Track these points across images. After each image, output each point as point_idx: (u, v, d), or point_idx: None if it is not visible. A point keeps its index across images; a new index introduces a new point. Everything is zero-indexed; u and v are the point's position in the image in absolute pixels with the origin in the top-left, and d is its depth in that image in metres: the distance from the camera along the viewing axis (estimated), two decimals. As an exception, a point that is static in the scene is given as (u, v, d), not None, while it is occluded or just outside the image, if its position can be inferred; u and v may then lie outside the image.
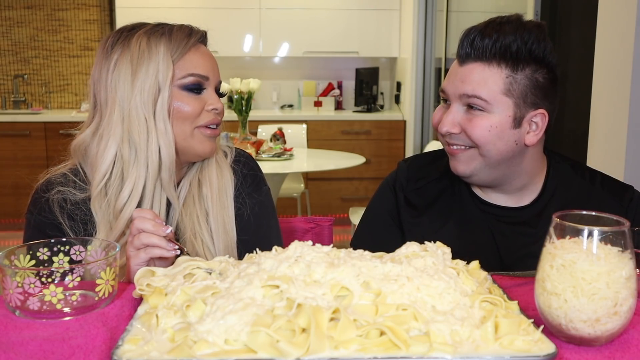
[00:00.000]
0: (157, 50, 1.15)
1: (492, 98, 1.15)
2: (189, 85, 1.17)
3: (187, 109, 1.17)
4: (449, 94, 1.20)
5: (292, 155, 3.87)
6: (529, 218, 1.26)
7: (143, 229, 1.01)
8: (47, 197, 1.19)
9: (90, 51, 5.38)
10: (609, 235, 0.74)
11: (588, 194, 1.27)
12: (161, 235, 1.01)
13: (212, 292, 0.78)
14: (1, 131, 4.80)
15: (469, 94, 1.16)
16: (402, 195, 1.33)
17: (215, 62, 1.23)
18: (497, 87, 1.15)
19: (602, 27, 2.17)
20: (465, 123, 1.18)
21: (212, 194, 1.24)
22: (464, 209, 1.29)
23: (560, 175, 1.29)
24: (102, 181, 1.16)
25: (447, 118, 1.19)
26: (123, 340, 0.71)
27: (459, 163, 1.22)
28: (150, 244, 1.01)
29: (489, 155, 1.18)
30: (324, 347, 0.67)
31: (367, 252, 0.92)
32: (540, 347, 0.70)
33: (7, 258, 0.86)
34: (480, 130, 1.16)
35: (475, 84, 1.15)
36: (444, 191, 1.32)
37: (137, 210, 1.05)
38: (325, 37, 5.22)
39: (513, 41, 1.13)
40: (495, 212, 1.27)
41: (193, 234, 1.21)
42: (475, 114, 1.17)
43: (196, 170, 1.26)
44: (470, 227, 1.28)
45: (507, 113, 1.16)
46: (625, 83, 2.02)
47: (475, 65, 1.16)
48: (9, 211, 4.88)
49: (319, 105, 5.43)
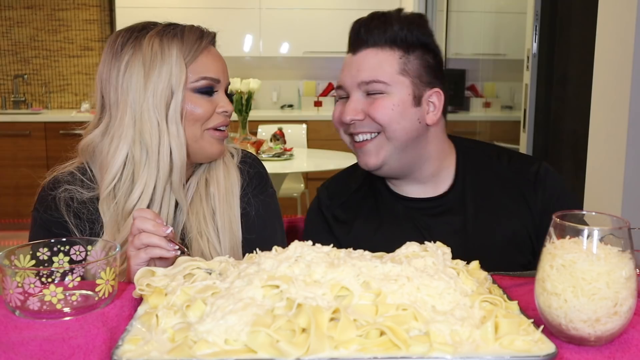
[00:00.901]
0: (169, 53, 1.15)
1: (390, 79, 1.19)
2: (202, 89, 1.18)
3: (199, 111, 1.17)
4: (347, 85, 1.22)
5: (292, 155, 3.87)
6: (451, 206, 1.28)
7: (143, 228, 1.01)
8: (54, 195, 1.19)
9: (90, 51, 5.38)
10: (609, 235, 0.74)
11: (499, 175, 1.30)
12: (161, 236, 1.01)
13: (212, 292, 0.78)
14: (1, 131, 4.81)
15: (367, 79, 1.19)
16: (330, 214, 1.34)
17: (224, 64, 1.24)
18: (393, 68, 1.19)
19: (602, 27, 2.17)
20: (368, 107, 1.20)
21: (219, 193, 1.25)
22: (389, 210, 1.31)
23: (470, 159, 1.32)
24: (112, 182, 1.15)
25: (349, 107, 1.21)
26: (123, 340, 0.71)
27: (368, 155, 1.23)
28: (150, 244, 1.01)
29: (395, 137, 1.21)
30: (324, 347, 0.67)
31: (367, 252, 0.92)
32: (540, 347, 0.70)
33: (7, 258, 0.86)
34: (384, 110, 1.19)
35: (372, 69, 1.19)
36: (366, 199, 1.34)
37: (137, 210, 1.05)
38: (325, 37, 5.22)
39: (400, 28, 1.20)
40: (417, 206, 1.29)
41: (199, 232, 1.21)
42: (376, 97, 1.20)
43: (204, 169, 1.26)
44: (399, 227, 1.29)
45: (406, 91, 1.20)
46: (625, 83, 2.02)
47: (369, 51, 1.20)
48: (9, 211, 4.89)
49: (319, 105, 5.43)
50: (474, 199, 1.28)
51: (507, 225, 1.25)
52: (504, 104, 4.03)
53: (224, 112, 1.21)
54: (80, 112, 5.11)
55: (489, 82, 4.32)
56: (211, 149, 1.21)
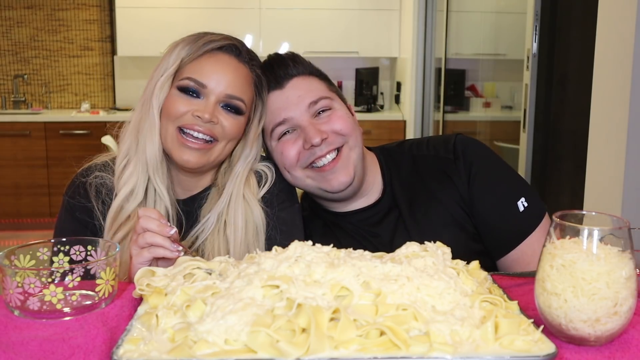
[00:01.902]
0: (173, 50, 1.20)
1: (329, 94, 1.27)
2: (183, 87, 1.17)
3: (172, 107, 1.17)
4: (295, 118, 1.24)
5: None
6: (387, 208, 1.31)
7: (148, 228, 1.01)
8: (85, 181, 1.24)
9: (90, 51, 5.38)
10: (609, 235, 0.74)
11: (420, 164, 1.33)
12: (165, 236, 1.01)
13: (212, 292, 0.78)
14: (1, 131, 4.80)
15: (315, 99, 1.24)
16: None
17: (230, 75, 1.19)
18: (324, 87, 1.28)
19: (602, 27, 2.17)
20: (326, 124, 1.24)
21: (236, 237, 1.22)
22: (339, 228, 1.33)
23: (392, 159, 1.35)
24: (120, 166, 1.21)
25: (310, 132, 1.22)
26: (123, 340, 0.71)
27: (339, 173, 1.24)
28: (154, 244, 1.01)
29: (357, 143, 1.26)
30: (324, 347, 0.67)
31: (367, 252, 0.92)
32: (540, 347, 0.70)
33: (7, 258, 0.86)
34: (343, 120, 1.25)
35: (309, 91, 1.25)
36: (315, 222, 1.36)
37: (142, 209, 1.06)
38: (325, 37, 5.22)
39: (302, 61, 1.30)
40: (359, 217, 1.32)
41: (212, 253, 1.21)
42: (326, 114, 1.25)
43: (225, 204, 1.23)
44: (353, 239, 1.31)
45: (342, 104, 1.30)
46: (625, 83, 2.02)
47: (296, 79, 1.26)
48: (9, 211, 4.88)
49: (319, 105, 5.43)
50: (405, 195, 1.31)
51: (441, 209, 1.27)
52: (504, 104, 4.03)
53: (197, 116, 1.15)
54: (80, 112, 5.10)
55: (489, 82, 4.32)
56: (177, 153, 1.17)
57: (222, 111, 1.19)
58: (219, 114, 1.18)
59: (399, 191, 1.32)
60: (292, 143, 1.25)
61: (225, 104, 1.19)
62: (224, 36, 1.23)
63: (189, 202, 1.27)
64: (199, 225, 1.23)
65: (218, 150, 1.20)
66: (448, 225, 1.26)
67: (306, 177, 1.26)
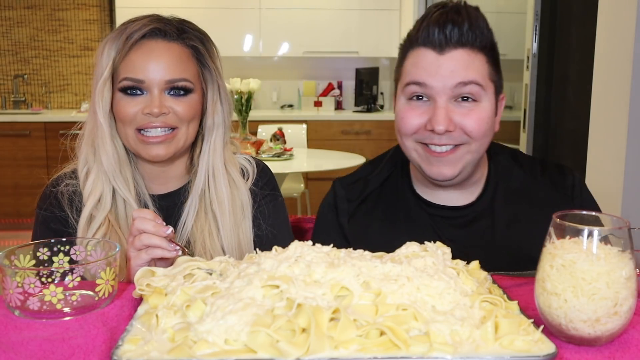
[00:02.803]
0: (102, 51, 1.17)
1: (485, 83, 1.10)
2: (124, 89, 1.15)
3: (122, 111, 1.16)
4: (434, 87, 1.08)
5: (292, 155, 3.87)
6: (479, 214, 1.21)
7: (144, 229, 1.01)
8: (57, 190, 1.22)
9: (90, 51, 5.37)
10: (609, 235, 0.74)
11: (531, 188, 1.22)
12: (162, 236, 1.01)
13: (212, 292, 0.78)
14: (1, 131, 4.80)
15: (466, 80, 1.07)
16: (345, 212, 1.26)
17: (164, 60, 1.15)
18: (485, 72, 1.10)
19: (602, 27, 2.17)
20: (461, 117, 1.09)
21: (223, 212, 1.22)
22: (411, 216, 1.22)
23: (501, 169, 1.24)
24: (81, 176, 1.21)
25: (440, 115, 1.07)
26: (123, 340, 0.71)
27: (447, 166, 1.12)
28: (151, 245, 1.00)
29: (479, 150, 1.12)
30: (324, 347, 0.67)
31: (367, 252, 0.92)
32: (540, 347, 0.70)
33: (7, 258, 0.86)
34: (480, 123, 1.09)
35: (468, 70, 1.07)
36: (386, 200, 1.25)
37: (136, 210, 1.05)
38: (325, 37, 5.22)
39: (482, 27, 1.09)
40: (443, 214, 1.21)
41: (203, 248, 1.21)
42: (468, 105, 1.09)
43: (204, 183, 1.23)
44: (420, 234, 1.16)
45: (493, 100, 1.12)
46: (625, 83, 2.02)
47: (459, 51, 1.08)
48: (9, 211, 4.88)
49: (319, 105, 5.43)
50: (504, 208, 1.20)
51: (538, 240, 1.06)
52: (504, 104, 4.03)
53: (147, 113, 1.14)
54: (80, 112, 5.10)
55: (489, 82, 4.32)
56: (144, 151, 1.17)
57: (169, 98, 1.16)
58: (167, 102, 1.16)
59: (501, 204, 1.20)
60: (417, 114, 1.11)
61: (169, 90, 1.16)
62: (144, 21, 1.17)
63: (168, 197, 1.26)
64: (185, 212, 1.22)
65: (183, 135, 1.19)
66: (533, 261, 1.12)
67: (413, 150, 1.15)
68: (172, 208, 1.25)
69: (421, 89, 1.10)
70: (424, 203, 1.22)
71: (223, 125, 1.24)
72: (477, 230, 1.20)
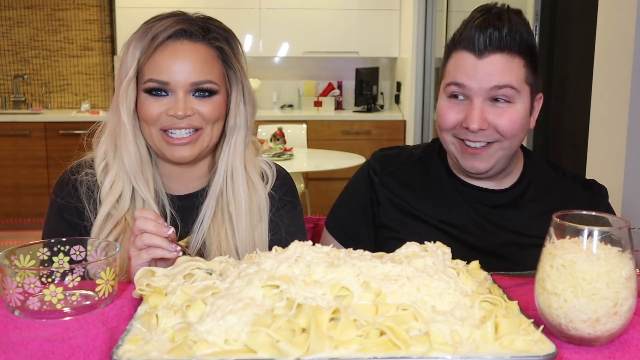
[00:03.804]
0: (127, 50, 1.16)
1: (520, 87, 1.16)
2: (148, 90, 1.15)
3: (146, 112, 1.15)
4: (471, 88, 1.16)
5: (292, 155, 3.87)
6: (508, 201, 1.28)
7: (145, 229, 1.00)
8: (75, 179, 1.21)
9: (90, 51, 5.38)
10: (609, 235, 0.74)
11: (562, 186, 1.31)
12: (163, 236, 1.00)
13: (212, 292, 0.78)
14: (1, 131, 4.80)
15: (501, 84, 1.14)
16: (378, 179, 1.33)
17: (189, 62, 1.14)
18: (521, 75, 1.16)
19: (602, 27, 2.17)
20: (494, 117, 1.16)
21: (240, 214, 1.21)
22: (443, 190, 1.30)
23: (536, 167, 1.33)
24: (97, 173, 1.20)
25: (475, 115, 1.16)
26: (123, 340, 0.71)
27: (480, 161, 1.20)
28: (152, 245, 1.00)
29: (512, 146, 1.20)
30: (324, 347, 0.67)
31: (367, 252, 0.92)
32: (540, 347, 0.70)
33: (7, 258, 0.86)
34: (512, 123, 1.17)
35: (504, 74, 1.15)
36: (419, 174, 1.33)
37: (139, 210, 1.05)
38: (325, 37, 5.22)
39: (521, 31, 1.15)
40: (475, 194, 1.28)
41: (218, 250, 1.20)
42: (502, 106, 1.17)
43: (222, 182, 1.22)
44: (448, 209, 1.28)
45: (527, 101, 1.19)
46: (625, 83, 2.02)
47: (497, 56, 1.15)
48: (9, 211, 4.88)
49: (319, 105, 5.43)
50: (534, 202, 1.27)
51: None
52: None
53: (172, 115, 1.14)
54: (80, 112, 5.10)
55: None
56: (169, 152, 1.17)
57: (194, 100, 1.15)
58: (192, 104, 1.15)
59: (532, 197, 1.28)
60: (455, 112, 1.19)
61: (194, 92, 1.16)
62: (170, 22, 1.16)
63: (187, 198, 1.25)
64: (202, 212, 1.21)
65: (207, 135, 1.18)
66: None
67: (451, 143, 1.23)
68: (190, 209, 1.24)
69: (459, 89, 1.18)
70: (458, 182, 1.30)
71: (245, 126, 1.24)
72: (505, 215, 1.27)
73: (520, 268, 1.08)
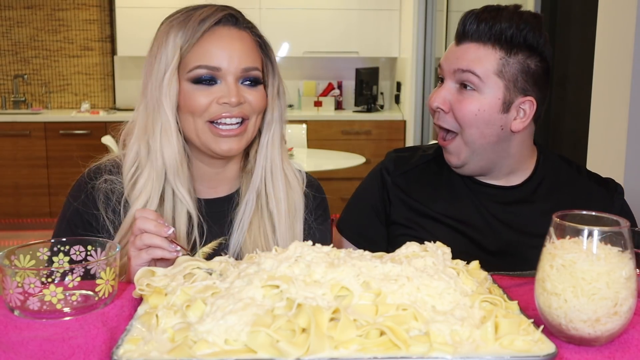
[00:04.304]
0: (167, 40, 1.10)
1: (485, 76, 1.17)
2: (196, 79, 1.10)
3: (193, 102, 1.10)
4: (444, 69, 1.23)
5: (292, 155, 3.87)
6: (519, 198, 1.28)
7: (145, 229, 1.00)
8: (94, 185, 1.16)
9: (90, 51, 5.38)
10: (609, 235, 0.74)
11: (576, 182, 1.30)
12: (163, 237, 1.00)
13: (212, 292, 0.78)
14: (1, 131, 4.80)
15: (464, 68, 1.18)
16: (390, 179, 1.34)
17: (237, 47, 1.11)
18: (491, 67, 1.17)
19: (602, 27, 2.17)
20: (455, 102, 1.20)
21: (279, 210, 1.18)
22: (454, 188, 1.30)
23: (550, 163, 1.32)
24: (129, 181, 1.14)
25: (439, 93, 1.21)
26: (123, 340, 0.71)
27: (450, 155, 1.25)
28: (152, 245, 0.99)
29: (472, 140, 1.20)
30: (324, 347, 0.67)
31: (367, 252, 0.92)
32: (540, 347, 0.70)
33: (7, 258, 0.86)
34: (468, 112, 1.18)
35: (469, 61, 1.18)
36: (432, 173, 1.34)
37: (139, 210, 1.04)
38: (325, 37, 5.22)
39: (508, 27, 1.16)
40: (485, 191, 1.28)
41: (257, 243, 1.17)
42: (467, 94, 1.19)
43: (261, 179, 1.19)
44: (460, 206, 1.28)
45: (497, 95, 1.18)
46: (625, 83, 2.02)
47: (471, 45, 1.19)
48: (9, 211, 4.88)
49: (319, 105, 5.43)
50: (546, 198, 1.27)
51: None
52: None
53: (224, 103, 1.09)
54: (80, 112, 5.10)
55: (489, 82, 4.32)
56: (215, 145, 1.12)
57: (243, 88, 1.12)
58: (242, 92, 1.11)
59: (544, 193, 1.28)
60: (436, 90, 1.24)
61: (244, 79, 1.12)
62: (215, 7, 1.12)
63: (216, 203, 1.21)
64: (241, 211, 1.18)
65: (252, 127, 1.15)
66: None
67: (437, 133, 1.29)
68: (219, 214, 1.20)
69: (440, 72, 1.25)
70: (470, 180, 1.30)
71: (280, 120, 1.21)
72: (516, 211, 1.27)
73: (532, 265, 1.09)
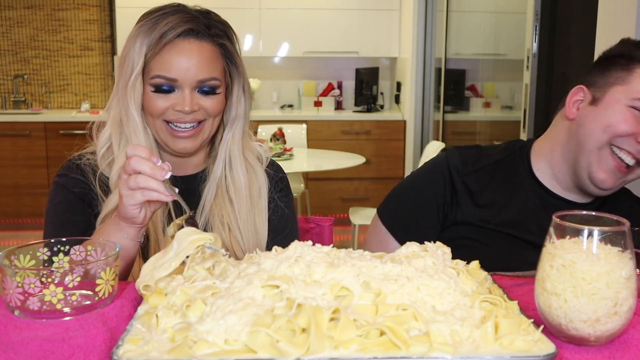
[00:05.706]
0: (134, 44, 1.18)
1: None
2: (156, 86, 1.19)
3: (152, 106, 1.19)
4: None
5: (292, 155, 3.87)
6: None
7: (140, 170, 0.96)
8: (79, 163, 1.25)
9: (90, 51, 5.38)
10: (609, 235, 0.74)
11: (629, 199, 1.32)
12: (160, 180, 0.96)
13: (212, 292, 0.78)
14: (1, 131, 4.80)
15: None
16: (459, 179, 1.29)
17: (196, 60, 1.18)
18: None
19: (602, 27, 2.17)
20: None
21: (240, 198, 1.27)
22: (525, 197, 1.28)
23: None
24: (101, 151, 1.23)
25: None
26: (123, 340, 0.71)
27: (616, 181, 1.20)
28: (148, 188, 0.96)
29: None
30: (324, 347, 0.67)
31: (367, 252, 0.92)
32: (540, 347, 0.70)
33: (7, 258, 0.86)
34: None
35: None
36: (501, 176, 1.30)
37: (131, 146, 1.00)
38: (325, 37, 5.22)
39: None
40: (557, 205, 1.24)
41: (221, 222, 1.25)
42: None
43: (221, 170, 1.28)
44: (527, 215, 1.26)
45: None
46: (625, 83, 2.02)
47: None
48: (9, 211, 4.88)
49: (319, 105, 5.43)
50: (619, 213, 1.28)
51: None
52: (504, 104, 4.03)
53: (178, 110, 1.18)
54: (80, 112, 5.10)
55: (489, 82, 4.32)
56: (173, 144, 1.22)
57: (199, 96, 1.20)
58: (197, 99, 1.20)
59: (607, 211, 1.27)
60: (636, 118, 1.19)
61: (200, 89, 1.20)
62: (177, 20, 1.18)
63: (188, 180, 1.30)
64: (202, 197, 1.27)
65: (208, 127, 1.24)
66: None
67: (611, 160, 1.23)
68: (190, 191, 1.28)
69: None
70: (544, 190, 1.28)
71: (244, 117, 1.30)
72: None
73: None
